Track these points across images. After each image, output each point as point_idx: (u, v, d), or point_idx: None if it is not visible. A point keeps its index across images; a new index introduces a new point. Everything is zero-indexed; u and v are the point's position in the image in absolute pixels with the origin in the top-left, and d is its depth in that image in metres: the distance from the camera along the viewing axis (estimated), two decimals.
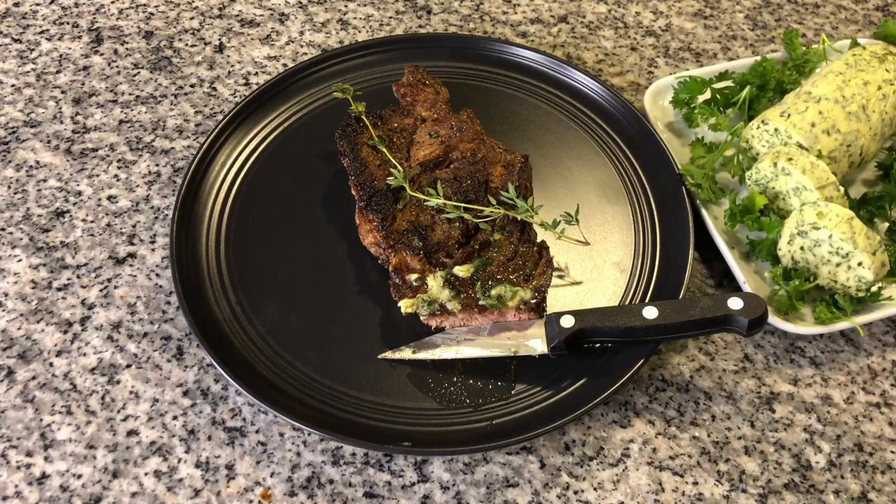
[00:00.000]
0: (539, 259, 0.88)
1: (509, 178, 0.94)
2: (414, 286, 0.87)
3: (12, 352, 0.89)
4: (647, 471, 0.82)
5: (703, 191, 0.97)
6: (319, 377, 0.86)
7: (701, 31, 1.25)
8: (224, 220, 0.98)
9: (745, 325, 0.81)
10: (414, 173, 0.95)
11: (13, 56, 1.17)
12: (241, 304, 0.91)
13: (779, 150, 0.94)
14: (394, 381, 0.86)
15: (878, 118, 0.98)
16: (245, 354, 0.87)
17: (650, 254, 0.96)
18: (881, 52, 1.03)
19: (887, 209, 0.97)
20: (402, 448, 0.79)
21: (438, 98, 1.04)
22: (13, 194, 1.02)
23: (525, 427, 0.81)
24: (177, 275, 0.89)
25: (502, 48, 1.15)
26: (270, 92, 1.08)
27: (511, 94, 1.11)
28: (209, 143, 1.02)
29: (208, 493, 0.80)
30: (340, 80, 1.11)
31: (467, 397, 0.85)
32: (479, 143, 0.98)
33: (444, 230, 0.91)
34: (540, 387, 0.85)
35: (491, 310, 0.86)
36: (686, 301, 0.84)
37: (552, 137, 1.07)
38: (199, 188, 0.99)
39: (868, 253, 0.86)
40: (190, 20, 1.23)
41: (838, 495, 0.82)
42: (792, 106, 0.98)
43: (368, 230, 0.93)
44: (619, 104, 1.08)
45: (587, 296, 0.93)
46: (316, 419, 0.81)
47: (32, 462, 0.81)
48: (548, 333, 0.85)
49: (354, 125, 0.99)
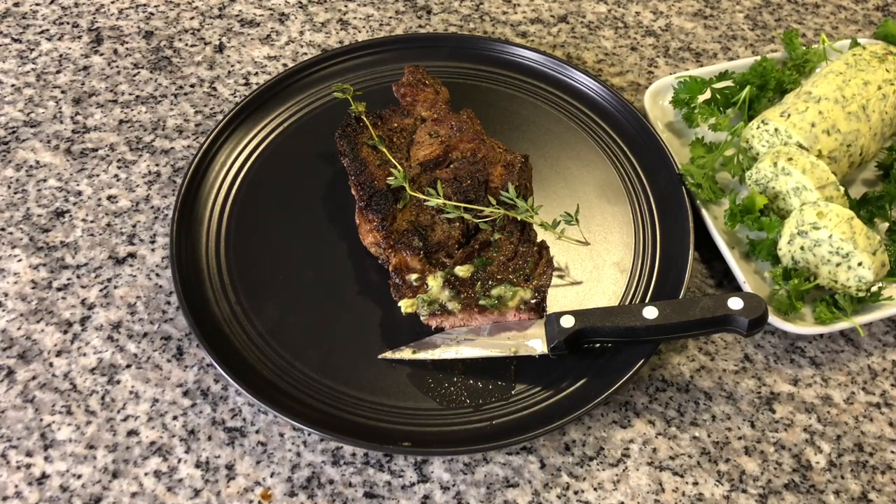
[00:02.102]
0: (539, 259, 0.88)
1: (509, 178, 0.94)
2: (414, 286, 0.87)
3: (12, 352, 0.89)
4: (648, 471, 0.82)
5: (703, 191, 0.97)
6: (319, 377, 0.86)
7: (701, 30, 1.25)
8: (224, 220, 0.98)
9: (746, 325, 0.81)
10: (414, 173, 0.95)
11: (13, 56, 1.17)
12: (241, 304, 0.91)
13: (779, 150, 0.94)
14: (394, 381, 0.86)
15: (878, 118, 0.98)
16: (245, 354, 0.87)
17: (650, 254, 0.96)
18: (881, 51, 1.03)
19: (887, 209, 0.97)
20: (402, 448, 0.79)
21: (438, 98, 1.04)
22: (13, 194, 1.02)
23: (525, 427, 0.81)
24: (177, 275, 0.89)
25: (502, 48, 1.14)
26: (270, 92, 1.08)
27: (511, 94, 1.11)
28: (209, 143, 1.02)
29: (208, 494, 0.80)
30: (340, 80, 1.11)
31: (467, 397, 0.85)
32: (479, 143, 0.98)
33: (444, 230, 0.91)
34: (540, 387, 0.85)
35: (491, 310, 0.86)
36: (686, 301, 0.84)
37: (552, 137, 1.07)
38: (199, 188, 0.99)
39: (868, 253, 0.86)
40: (190, 20, 1.23)
41: (838, 495, 0.82)
42: (792, 106, 0.98)
43: (368, 230, 0.93)
44: (619, 104, 1.08)
45: (587, 296, 0.93)
46: (316, 419, 0.81)
47: (32, 462, 0.81)
48: (548, 333, 0.85)
49: (354, 125, 0.99)
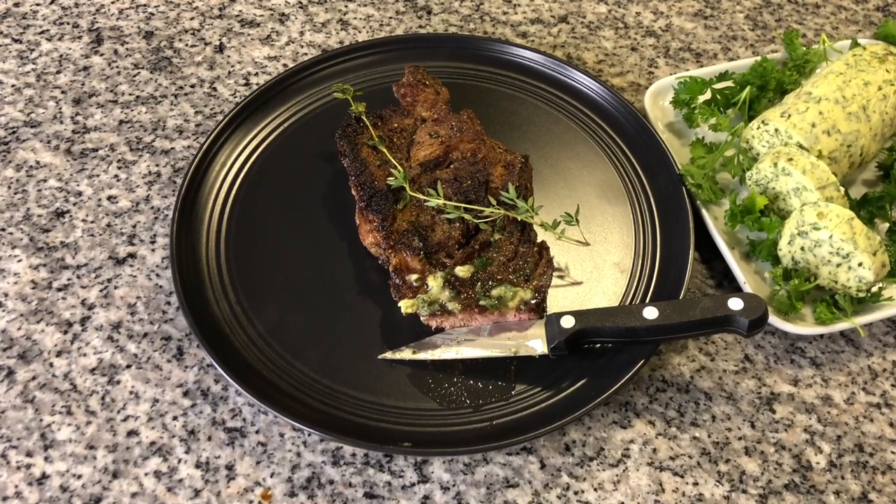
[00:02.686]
0: (539, 259, 0.88)
1: (509, 179, 0.94)
2: (414, 286, 0.87)
3: (12, 352, 0.89)
4: (648, 471, 0.82)
5: (703, 191, 0.97)
6: (319, 377, 0.86)
7: (701, 31, 1.25)
8: (224, 220, 0.97)
9: (746, 325, 0.81)
10: (414, 173, 0.95)
11: (13, 56, 1.17)
12: (241, 304, 0.91)
13: (779, 151, 0.94)
14: (394, 382, 0.86)
15: (879, 118, 0.98)
16: (245, 354, 0.87)
17: (650, 254, 0.96)
18: (881, 52, 1.02)
19: (888, 209, 0.97)
20: (403, 448, 0.79)
21: (438, 98, 1.04)
22: (13, 194, 1.02)
23: (525, 428, 0.81)
24: (177, 275, 0.89)
25: (502, 48, 1.14)
26: (270, 92, 1.08)
27: (511, 95, 1.11)
28: (209, 144, 1.02)
29: (208, 494, 0.80)
30: (340, 80, 1.11)
31: (467, 398, 0.85)
32: (479, 143, 0.98)
33: (444, 230, 0.91)
34: (540, 387, 0.85)
35: (491, 310, 0.86)
36: (686, 301, 0.83)
37: (552, 138, 1.07)
38: (199, 188, 0.99)
39: (868, 253, 0.86)
40: (190, 20, 1.23)
41: (839, 496, 0.82)
42: (792, 106, 0.98)
43: (368, 230, 0.92)
44: (619, 104, 1.08)
45: (587, 296, 0.93)
46: (316, 419, 0.81)
47: (32, 462, 0.81)
48: (548, 334, 0.85)
49: (355, 125, 0.99)
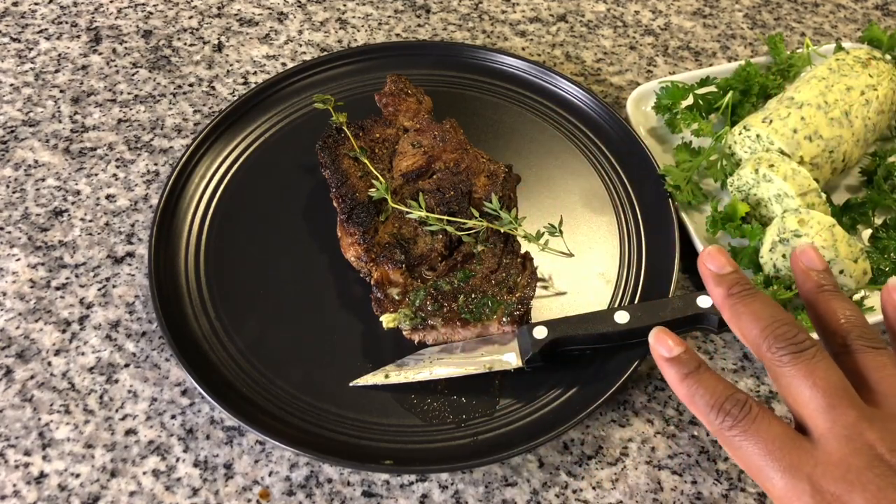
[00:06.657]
0: (523, 270, 0.87)
1: (493, 189, 0.93)
2: (396, 300, 0.86)
3: (10, 351, 0.89)
4: (646, 470, 0.82)
5: (682, 193, 0.96)
6: (300, 394, 0.84)
7: (700, 29, 1.25)
8: (203, 235, 0.95)
9: (716, 322, 0.81)
10: (396, 185, 0.94)
11: (11, 55, 1.17)
12: (221, 319, 0.89)
13: (760, 157, 0.93)
14: (375, 399, 0.84)
15: (861, 124, 0.97)
16: (224, 372, 0.85)
17: (636, 263, 0.94)
18: (864, 56, 1.01)
19: (870, 215, 0.97)
20: (384, 467, 0.78)
21: (421, 108, 1.02)
22: (11, 193, 1.02)
23: (509, 444, 0.79)
24: (155, 291, 0.87)
25: (485, 56, 1.13)
26: (249, 104, 1.06)
27: (495, 103, 1.09)
28: (187, 157, 0.99)
29: (206, 493, 0.80)
30: (321, 89, 1.09)
31: (451, 413, 0.83)
32: (462, 152, 0.96)
33: (426, 242, 0.89)
34: (524, 401, 0.83)
35: (474, 323, 0.84)
36: (656, 303, 0.83)
37: (537, 146, 1.05)
38: (177, 202, 0.97)
39: (850, 260, 0.86)
40: (189, 19, 1.23)
41: None
42: (774, 111, 0.97)
43: (350, 243, 0.91)
44: (604, 112, 1.06)
45: (571, 307, 0.91)
46: (296, 437, 0.80)
47: (30, 461, 0.81)
48: (521, 346, 0.83)
49: (336, 136, 0.97)
